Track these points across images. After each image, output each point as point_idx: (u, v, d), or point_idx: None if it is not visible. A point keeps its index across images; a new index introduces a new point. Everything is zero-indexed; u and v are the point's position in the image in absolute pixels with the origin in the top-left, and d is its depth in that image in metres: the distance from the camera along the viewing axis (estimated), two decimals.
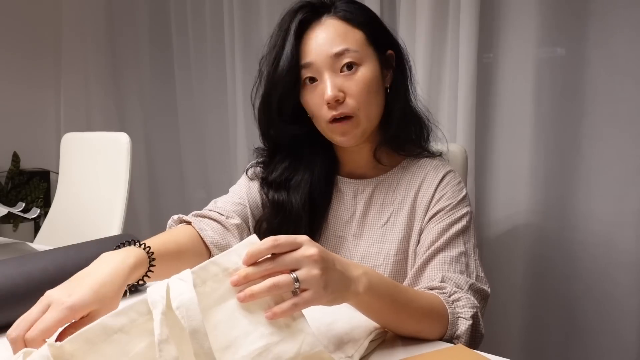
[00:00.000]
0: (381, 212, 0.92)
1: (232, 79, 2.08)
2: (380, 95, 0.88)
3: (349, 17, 0.85)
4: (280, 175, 0.94)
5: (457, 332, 0.73)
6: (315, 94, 0.85)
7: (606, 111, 1.30)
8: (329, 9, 0.86)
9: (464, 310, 0.74)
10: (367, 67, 0.84)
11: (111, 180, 1.50)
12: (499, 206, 1.47)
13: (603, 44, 1.29)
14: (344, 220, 0.94)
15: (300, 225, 0.90)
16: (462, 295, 0.76)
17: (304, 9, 0.86)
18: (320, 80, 0.84)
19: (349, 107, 0.83)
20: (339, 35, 0.83)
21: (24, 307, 0.74)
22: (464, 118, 1.42)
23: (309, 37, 0.85)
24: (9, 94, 2.65)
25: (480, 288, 0.81)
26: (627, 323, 1.30)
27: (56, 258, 0.80)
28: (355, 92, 0.83)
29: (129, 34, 2.54)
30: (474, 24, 1.39)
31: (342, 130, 0.85)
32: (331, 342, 0.63)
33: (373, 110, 0.86)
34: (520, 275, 1.43)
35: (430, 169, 0.92)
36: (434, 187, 0.89)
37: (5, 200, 2.49)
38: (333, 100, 0.82)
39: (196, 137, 2.33)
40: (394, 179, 0.93)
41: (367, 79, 0.84)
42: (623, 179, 1.29)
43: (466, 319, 0.73)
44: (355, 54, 0.83)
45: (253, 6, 2.00)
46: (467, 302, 0.75)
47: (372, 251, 0.90)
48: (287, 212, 0.91)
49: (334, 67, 0.83)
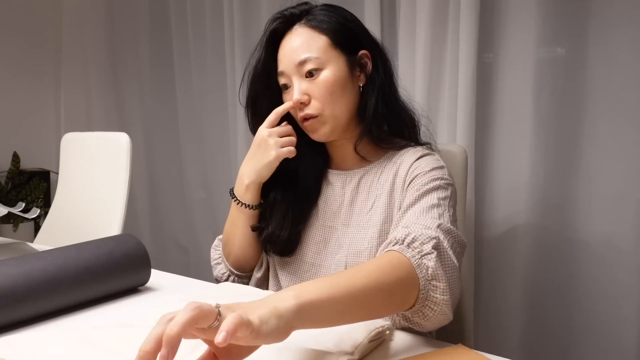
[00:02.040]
0: (367, 199, 0.95)
1: (232, 79, 2.08)
2: (348, 94, 0.93)
3: (314, 25, 0.92)
4: None
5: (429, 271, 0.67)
6: (289, 97, 0.94)
7: (606, 111, 1.30)
8: (300, 17, 0.94)
9: (424, 246, 0.68)
10: (330, 70, 0.91)
11: (111, 180, 1.50)
12: (499, 206, 1.47)
13: (603, 44, 1.29)
14: (333, 210, 0.98)
15: (282, 209, 0.97)
16: (417, 234, 0.70)
17: (278, 19, 0.95)
18: (292, 85, 0.93)
19: (313, 108, 0.91)
20: (303, 43, 0.92)
21: (24, 307, 0.74)
22: (464, 118, 1.42)
23: (282, 46, 0.94)
24: (9, 94, 2.65)
25: (451, 229, 0.75)
26: (626, 323, 1.30)
27: (56, 258, 0.80)
28: (318, 94, 0.91)
29: (129, 34, 2.54)
30: (474, 24, 1.39)
31: (311, 128, 0.93)
32: (331, 341, 0.63)
33: (338, 108, 0.92)
34: (520, 275, 1.43)
35: (411, 153, 0.95)
36: (410, 164, 0.91)
37: (5, 200, 2.49)
38: (298, 103, 0.91)
39: (196, 137, 2.33)
40: (379, 167, 0.97)
41: (329, 81, 0.90)
42: (623, 179, 1.29)
43: (428, 252, 0.68)
44: (317, 60, 0.90)
45: (253, 6, 2.00)
46: (424, 239, 0.69)
47: (357, 237, 0.93)
48: (272, 202, 0.98)
49: (300, 72, 0.92)
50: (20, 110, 2.69)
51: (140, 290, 0.91)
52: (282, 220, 0.96)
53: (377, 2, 1.59)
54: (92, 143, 1.63)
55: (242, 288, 0.91)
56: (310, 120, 0.92)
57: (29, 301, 0.75)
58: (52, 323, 0.77)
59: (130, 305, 0.84)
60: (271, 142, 0.92)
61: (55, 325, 0.76)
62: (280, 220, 0.96)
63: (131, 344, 0.63)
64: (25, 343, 0.65)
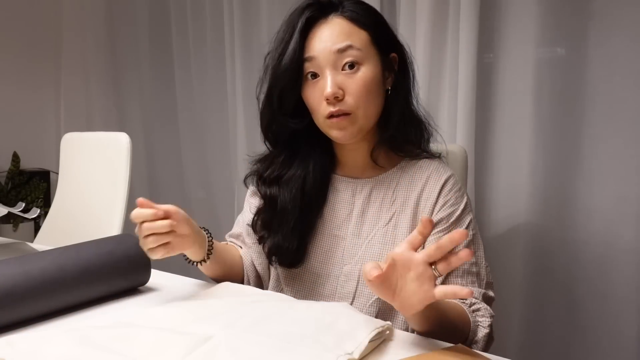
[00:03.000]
0: (380, 211, 0.92)
1: (232, 79, 2.08)
2: (380, 96, 0.89)
3: (355, 17, 0.86)
4: (273, 171, 0.95)
5: (475, 337, 0.79)
6: (316, 89, 0.87)
7: (606, 111, 1.30)
8: (336, 8, 0.88)
9: (483, 319, 0.81)
10: (369, 67, 0.85)
11: (111, 180, 1.50)
12: (499, 206, 1.47)
13: (603, 44, 1.29)
14: (341, 219, 0.94)
15: (289, 220, 0.91)
16: (481, 306, 0.83)
17: (311, 7, 0.87)
18: (322, 76, 0.86)
19: (347, 105, 0.85)
20: (343, 32, 0.85)
21: (24, 307, 0.74)
22: (464, 118, 1.42)
23: (314, 33, 0.86)
24: (9, 94, 2.65)
25: (490, 296, 0.88)
26: (626, 323, 1.30)
27: (56, 258, 0.80)
28: (354, 90, 0.85)
29: (129, 34, 2.54)
30: (474, 24, 1.39)
31: (339, 125, 0.86)
32: (331, 340, 0.63)
33: (371, 109, 0.87)
34: (520, 275, 1.43)
35: (432, 171, 0.92)
36: (437, 192, 0.90)
37: (5, 200, 2.49)
38: (332, 97, 0.84)
39: (196, 137, 2.33)
40: (393, 178, 0.93)
41: (368, 79, 0.85)
42: (623, 179, 1.29)
43: (484, 327, 0.80)
44: (358, 53, 0.84)
45: (253, 6, 2.00)
46: (485, 312, 0.83)
47: (373, 251, 0.90)
48: (277, 206, 0.93)
49: (336, 64, 0.85)
50: (20, 110, 2.69)
51: (140, 290, 0.91)
52: (289, 231, 0.91)
53: (377, 2, 1.59)
54: (92, 143, 1.63)
55: (243, 288, 0.91)
56: (342, 117, 0.85)
57: (29, 301, 0.75)
58: (52, 323, 0.77)
59: (130, 305, 0.84)
60: None
61: (55, 325, 0.76)
62: (287, 231, 0.91)
63: (131, 344, 0.63)
64: (25, 343, 0.65)
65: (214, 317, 0.72)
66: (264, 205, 0.96)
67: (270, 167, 0.96)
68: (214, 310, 0.75)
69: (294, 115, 0.91)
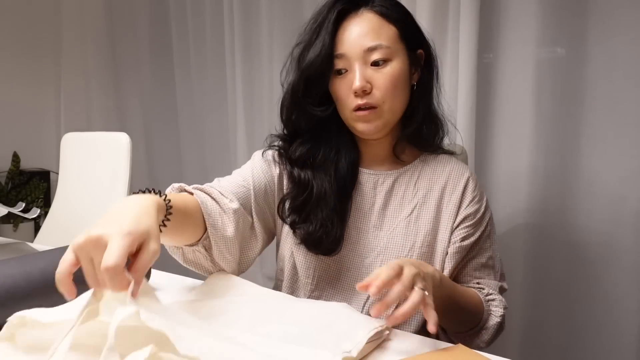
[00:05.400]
0: (402, 203, 0.93)
1: (232, 79, 2.08)
2: (406, 91, 0.90)
3: (385, 12, 0.87)
4: (304, 154, 0.93)
5: (486, 325, 0.88)
6: (344, 82, 0.88)
7: (606, 111, 1.30)
8: (366, 2, 0.88)
9: (497, 309, 0.90)
10: (397, 62, 0.87)
11: (111, 180, 1.50)
12: (499, 206, 1.47)
13: (603, 44, 1.29)
14: (364, 211, 0.93)
15: (326, 207, 0.89)
16: (497, 297, 0.91)
17: (342, 0, 0.88)
18: (350, 70, 0.87)
19: (374, 98, 0.86)
20: (373, 29, 0.86)
21: (24, 307, 0.74)
22: (464, 118, 1.42)
23: (345, 28, 0.87)
24: (9, 94, 2.65)
25: (503, 288, 0.97)
26: (626, 323, 1.30)
27: (56, 258, 0.80)
28: (382, 85, 0.86)
29: (129, 34, 2.54)
30: (474, 24, 1.39)
31: (365, 118, 0.87)
32: (330, 340, 0.63)
33: (397, 104, 0.89)
34: (520, 275, 1.43)
35: (454, 166, 0.95)
36: (462, 187, 0.93)
37: (5, 200, 2.49)
38: (360, 90, 0.85)
39: (196, 137, 2.33)
40: (414, 171, 0.95)
41: (395, 74, 0.86)
42: (623, 179, 1.29)
43: (497, 316, 0.89)
44: (387, 50, 0.86)
45: (253, 6, 2.00)
46: (500, 303, 0.91)
47: (395, 242, 0.90)
48: (312, 191, 0.90)
49: (365, 59, 0.86)
50: (20, 110, 2.69)
51: None
52: (330, 215, 0.88)
53: None
54: (92, 143, 1.63)
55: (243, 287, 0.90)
56: (368, 110, 0.86)
57: (29, 301, 0.75)
58: None
59: None
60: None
61: None
62: (328, 215, 0.88)
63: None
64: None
65: (213, 317, 0.72)
66: (295, 188, 0.92)
67: (297, 151, 0.94)
68: (213, 310, 0.75)
69: (319, 104, 0.91)
